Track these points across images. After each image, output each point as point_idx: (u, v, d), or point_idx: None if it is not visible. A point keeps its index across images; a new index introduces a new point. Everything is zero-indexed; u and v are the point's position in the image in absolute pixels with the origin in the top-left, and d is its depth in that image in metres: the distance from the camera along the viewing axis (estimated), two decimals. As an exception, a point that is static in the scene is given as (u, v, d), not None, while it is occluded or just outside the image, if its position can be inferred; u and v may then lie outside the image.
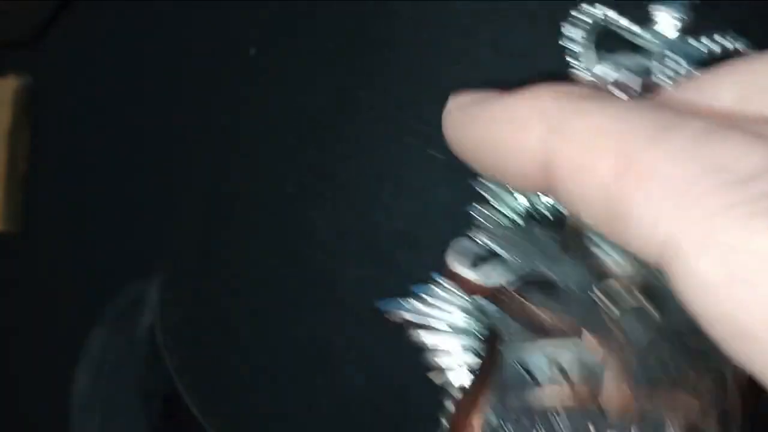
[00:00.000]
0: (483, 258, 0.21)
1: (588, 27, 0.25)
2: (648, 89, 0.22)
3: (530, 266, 0.21)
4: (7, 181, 0.57)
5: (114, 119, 0.57)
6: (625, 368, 0.19)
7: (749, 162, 0.17)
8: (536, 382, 0.20)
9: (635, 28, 0.24)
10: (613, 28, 0.25)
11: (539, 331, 0.20)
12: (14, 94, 0.57)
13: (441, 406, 0.22)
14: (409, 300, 0.23)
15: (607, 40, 0.25)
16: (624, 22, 0.25)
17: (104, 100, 0.57)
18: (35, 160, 0.58)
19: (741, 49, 0.25)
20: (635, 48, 0.24)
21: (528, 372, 0.20)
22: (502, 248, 0.21)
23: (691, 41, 0.24)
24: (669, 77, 0.22)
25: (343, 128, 0.34)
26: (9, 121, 0.57)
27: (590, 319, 0.20)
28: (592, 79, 0.23)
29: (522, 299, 0.20)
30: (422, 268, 0.25)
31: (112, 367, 0.48)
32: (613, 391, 0.20)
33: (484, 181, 0.23)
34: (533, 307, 0.20)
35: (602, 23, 0.24)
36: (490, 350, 0.21)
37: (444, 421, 0.22)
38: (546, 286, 0.20)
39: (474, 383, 0.22)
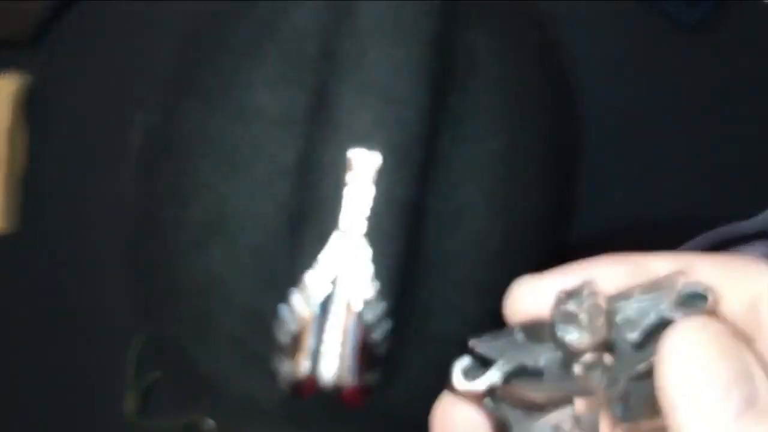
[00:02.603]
0: (477, 368, 0.25)
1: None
2: None
3: (517, 362, 0.25)
4: (6, 181, 0.57)
5: (114, 119, 0.57)
6: (614, 412, 0.24)
7: None
8: None
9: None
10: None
11: (538, 410, 0.25)
12: (14, 93, 0.57)
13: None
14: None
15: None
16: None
17: (104, 99, 0.57)
18: (35, 159, 0.58)
19: None
20: None
21: None
22: (493, 355, 0.25)
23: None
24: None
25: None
26: (8, 121, 0.57)
27: (575, 386, 0.24)
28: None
29: (517, 390, 0.25)
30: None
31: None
32: None
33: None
34: (528, 393, 0.25)
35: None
36: None
37: None
38: (533, 373, 0.25)
39: None
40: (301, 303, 0.35)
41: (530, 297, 0.26)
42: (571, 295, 0.24)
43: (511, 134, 0.40)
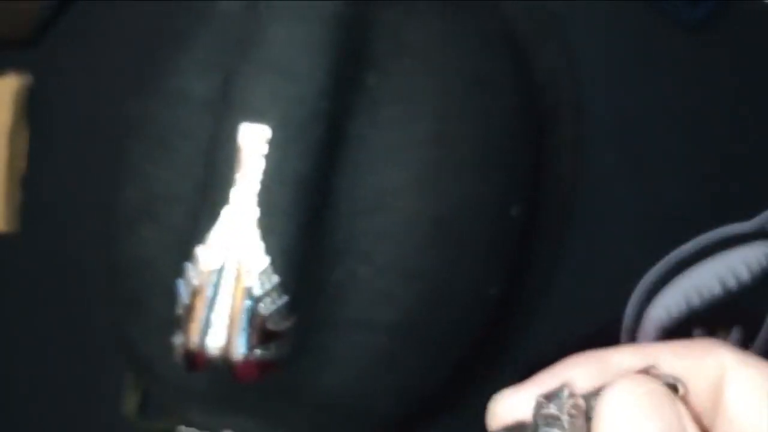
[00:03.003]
0: None
1: None
2: None
3: None
4: (6, 181, 0.57)
5: (114, 119, 0.57)
6: None
7: None
8: None
9: None
10: None
11: None
12: (14, 93, 0.57)
13: None
14: None
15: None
16: None
17: (104, 99, 0.57)
18: (35, 159, 0.58)
19: None
20: None
21: None
22: None
23: None
24: None
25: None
26: (9, 121, 0.57)
27: None
28: None
29: None
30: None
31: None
32: None
33: None
34: None
35: None
36: None
37: None
38: None
39: None
40: (194, 276, 0.36)
41: (509, 409, 0.27)
42: (549, 398, 0.25)
43: (444, 118, 0.40)
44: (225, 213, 0.35)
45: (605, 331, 0.54)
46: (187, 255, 0.38)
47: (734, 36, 0.55)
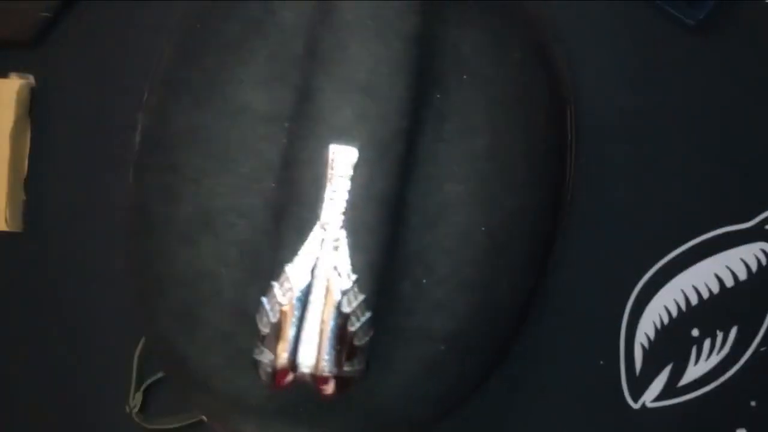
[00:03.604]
0: None
1: None
2: None
3: None
4: (9, 181, 0.57)
5: (116, 119, 0.57)
6: None
7: None
8: None
9: None
10: None
11: None
12: (17, 94, 0.57)
13: None
14: None
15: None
16: None
17: (107, 100, 0.57)
18: (37, 160, 0.58)
19: None
20: None
21: None
22: None
23: None
24: None
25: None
26: (11, 122, 0.57)
27: None
28: None
29: None
30: None
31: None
32: None
33: None
34: None
35: None
36: None
37: None
38: None
39: None
40: (281, 294, 0.36)
41: None
42: None
43: (497, 132, 0.41)
44: (313, 231, 0.36)
45: (605, 331, 0.55)
46: (255, 270, 0.38)
47: (735, 36, 0.55)
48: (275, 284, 0.36)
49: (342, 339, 0.36)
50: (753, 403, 0.54)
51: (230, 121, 0.40)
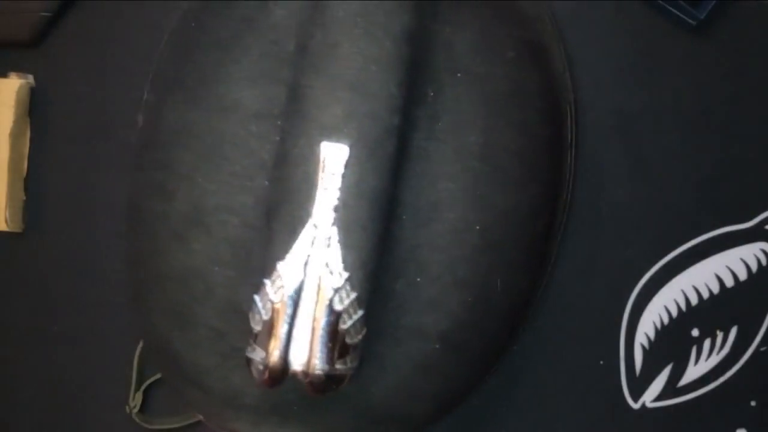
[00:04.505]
0: None
1: None
2: None
3: None
4: (9, 181, 0.57)
5: (116, 119, 0.57)
6: None
7: None
8: None
9: None
10: None
11: None
12: (17, 94, 0.57)
13: None
14: None
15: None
16: None
17: (106, 100, 0.57)
18: (37, 159, 0.58)
19: None
20: None
21: None
22: None
23: None
24: None
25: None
26: (12, 122, 0.57)
27: None
28: None
29: None
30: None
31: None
32: None
33: None
34: None
35: None
36: None
37: None
38: None
39: None
40: (273, 292, 0.36)
41: None
42: None
43: (490, 130, 0.41)
44: (304, 229, 0.36)
45: (605, 330, 0.55)
46: (247, 267, 0.38)
47: (735, 36, 0.55)
48: (267, 282, 0.36)
49: (334, 337, 0.36)
50: (753, 403, 0.54)
51: (222, 119, 0.40)
